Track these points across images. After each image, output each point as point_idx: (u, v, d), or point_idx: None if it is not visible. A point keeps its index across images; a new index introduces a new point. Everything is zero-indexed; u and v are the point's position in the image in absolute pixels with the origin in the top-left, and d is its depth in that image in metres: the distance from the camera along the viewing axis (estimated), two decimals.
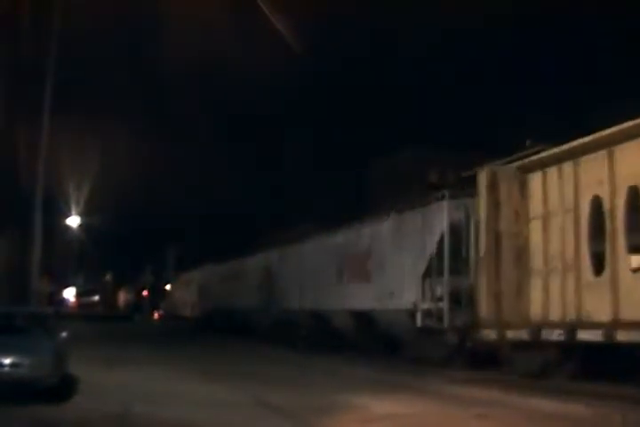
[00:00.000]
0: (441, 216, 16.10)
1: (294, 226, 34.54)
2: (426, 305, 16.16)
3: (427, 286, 16.24)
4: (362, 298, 19.37)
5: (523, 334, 13.12)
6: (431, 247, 16.21)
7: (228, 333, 32.08)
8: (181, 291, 50.50)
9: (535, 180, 13.88)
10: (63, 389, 9.98)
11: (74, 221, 40.26)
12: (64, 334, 11.80)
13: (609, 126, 12.18)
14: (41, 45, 18.84)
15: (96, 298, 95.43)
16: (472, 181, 15.96)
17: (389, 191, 36.78)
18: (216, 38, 25.46)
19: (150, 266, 71.52)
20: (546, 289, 13.18)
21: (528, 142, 15.55)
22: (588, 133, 12.75)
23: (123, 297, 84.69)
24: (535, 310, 13.42)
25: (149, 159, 38.78)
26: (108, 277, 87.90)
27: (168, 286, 60.69)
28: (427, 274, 16.25)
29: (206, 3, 21.03)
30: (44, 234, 20.53)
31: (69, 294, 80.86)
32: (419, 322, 16.35)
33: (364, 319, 19.46)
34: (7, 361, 9.26)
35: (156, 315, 63.19)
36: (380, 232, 19.24)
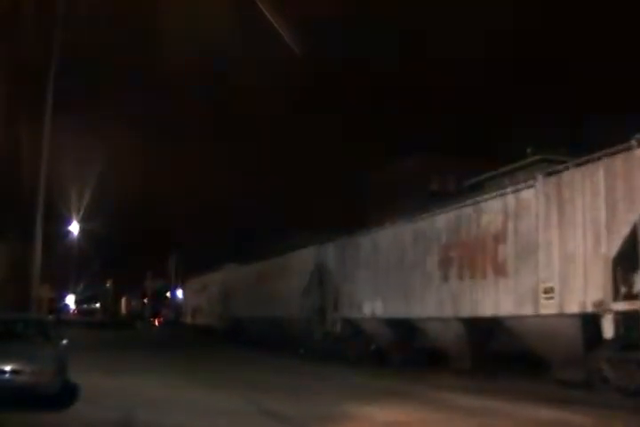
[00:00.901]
0: None
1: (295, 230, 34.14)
2: (621, 306, 11.07)
3: (620, 277, 11.17)
4: (487, 300, 14.31)
5: None
6: (630, 218, 11.05)
7: (262, 345, 26.70)
8: (193, 296, 46.11)
9: None
10: (64, 396, 9.79)
11: (74, 227, 40.07)
12: (64, 341, 11.63)
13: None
14: (41, 45, 18.73)
15: (97, 305, 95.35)
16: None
17: (390, 194, 36.69)
18: (216, 38, 25.35)
19: (151, 272, 71.48)
20: None
21: (529, 150, 15.27)
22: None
23: (126, 304, 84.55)
24: None
25: (150, 161, 38.80)
26: (109, 284, 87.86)
27: (169, 293, 60.51)
28: (621, 259, 11.12)
29: (206, 2, 20.97)
30: (45, 241, 20.38)
31: (70, 300, 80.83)
32: (609, 331, 11.24)
33: (486, 330, 14.73)
34: (8, 368, 9.10)
35: (156, 322, 62.96)
36: (522, 204, 13.69)
